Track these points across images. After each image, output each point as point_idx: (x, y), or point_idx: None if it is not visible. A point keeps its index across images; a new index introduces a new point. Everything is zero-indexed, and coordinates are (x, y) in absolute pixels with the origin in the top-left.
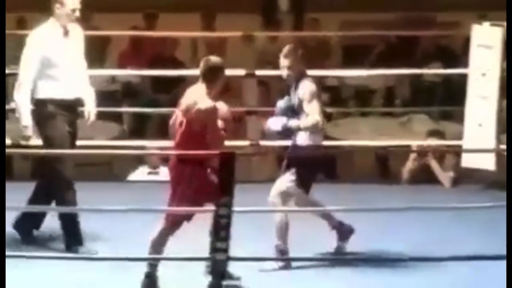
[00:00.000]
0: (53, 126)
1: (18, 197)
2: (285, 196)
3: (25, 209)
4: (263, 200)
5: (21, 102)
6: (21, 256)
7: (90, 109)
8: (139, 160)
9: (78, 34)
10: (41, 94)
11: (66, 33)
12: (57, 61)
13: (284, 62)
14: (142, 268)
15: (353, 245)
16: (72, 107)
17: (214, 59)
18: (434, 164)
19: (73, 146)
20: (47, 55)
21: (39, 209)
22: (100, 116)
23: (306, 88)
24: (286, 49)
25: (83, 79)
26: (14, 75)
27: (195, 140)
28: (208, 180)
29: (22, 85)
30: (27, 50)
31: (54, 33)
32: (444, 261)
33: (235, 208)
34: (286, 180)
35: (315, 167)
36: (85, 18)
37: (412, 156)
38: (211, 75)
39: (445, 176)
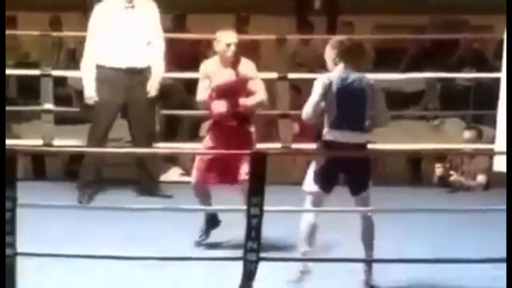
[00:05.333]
0: (99, 91)
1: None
2: (305, 193)
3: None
4: (294, 201)
5: (84, 70)
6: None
7: (152, 82)
8: (172, 162)
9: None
10: (99, 62)
11: (130, 6)
12: (115, 32)
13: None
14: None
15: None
16: (125, 76)
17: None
18: (458, 178)
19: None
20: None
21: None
22: None
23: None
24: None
25: (147, 51)
26: None
27: None
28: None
29: (85, 54)
30: (90, 21)
31: (116, 5)
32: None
33: (266, 208)
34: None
35: (332, 167)
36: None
37: (437, 165)
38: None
39: (474, 183)
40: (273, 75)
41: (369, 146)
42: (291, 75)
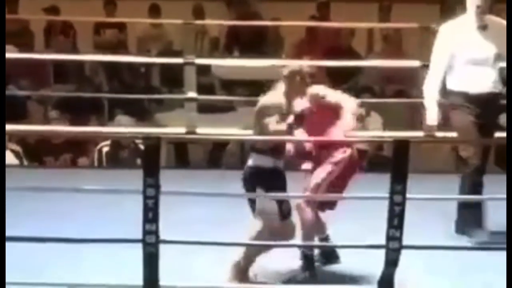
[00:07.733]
0: (456, 118)
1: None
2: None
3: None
4: (436, 190)
5: (428, 97)
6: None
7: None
8: None
9: (497, 28)
10: (449, 86)
11: (482, 27)
12: (466, 54)
13: None
14: None
15: None
16: (481, 101)
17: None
18: None
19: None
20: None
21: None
22: None
23: None
24: None
25: (497, 74)
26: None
27: None
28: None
29: (430, 79)
30: (436, 42)
31: (466, 25)
32: None
33: (409, 195)
34: None
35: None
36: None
37: None
38: None
39: None
40: (416, 63)
41: None
42: None
